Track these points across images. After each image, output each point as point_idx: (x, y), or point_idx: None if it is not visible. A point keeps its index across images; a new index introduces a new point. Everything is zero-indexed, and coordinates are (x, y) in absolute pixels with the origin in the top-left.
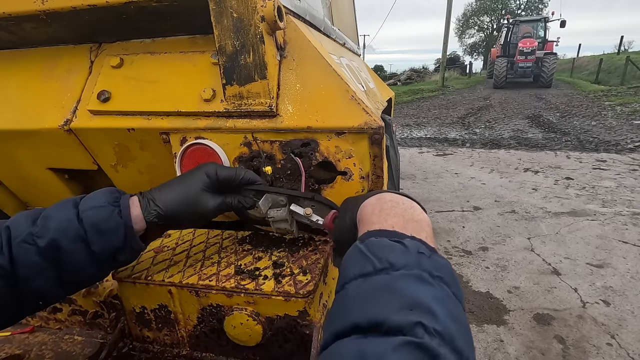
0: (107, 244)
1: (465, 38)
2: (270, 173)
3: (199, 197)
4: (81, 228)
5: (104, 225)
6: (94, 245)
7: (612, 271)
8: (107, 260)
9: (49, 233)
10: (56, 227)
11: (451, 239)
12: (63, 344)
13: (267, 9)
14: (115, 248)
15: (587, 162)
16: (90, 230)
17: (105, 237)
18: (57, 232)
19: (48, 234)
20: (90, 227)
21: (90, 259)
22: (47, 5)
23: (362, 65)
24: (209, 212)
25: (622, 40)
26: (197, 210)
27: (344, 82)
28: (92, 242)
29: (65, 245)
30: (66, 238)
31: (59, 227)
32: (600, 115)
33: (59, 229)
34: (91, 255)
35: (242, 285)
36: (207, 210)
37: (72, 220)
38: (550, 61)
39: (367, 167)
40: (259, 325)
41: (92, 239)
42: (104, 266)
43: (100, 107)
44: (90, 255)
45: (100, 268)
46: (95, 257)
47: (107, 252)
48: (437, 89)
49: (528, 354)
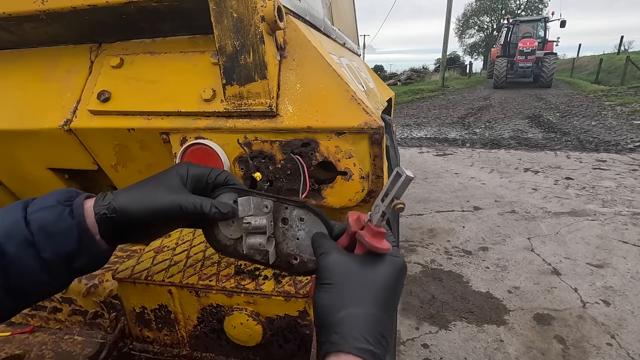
0: (58, 249)
1: (465, 38)
2: (260, 179)
3: (159, 192)
4: (28, 231)
5: (53, 228)
6: (44, 251)
7: (612, 271)
8: (61, 267)
9: None
10: (1, 232)
11: (451, 239)
12: (63, 344)
13: (267, 9)
14: (68, 253)
15: (587, 162)
16: (38, 233)
17: (55, 241)
18: (3, 236)
19: None
20: (37, 230)
21: (41, 266)
22: (47, 5)
23: (362, 65)
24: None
25: (622, 40)
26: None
27: (344, 82)
28: (41, 247)
29: (11, 250)
30: (12, 243)
31: (4, 231)
32: (600, 115)
33: (5, 233)
34: (41, 262)
35: (242, 285)
36: (164, 204)
37: (19, 223)
38: (550, 61)
39: (367, 167)
40: (259, 325)
41: (40, 243)
42: (59, 274)
43: (100, 107)
44: (40, 262)
45: (53, 276)
46: (46, 264)
47: (59, 257)
48: (437, 89)
49: (528, 354)
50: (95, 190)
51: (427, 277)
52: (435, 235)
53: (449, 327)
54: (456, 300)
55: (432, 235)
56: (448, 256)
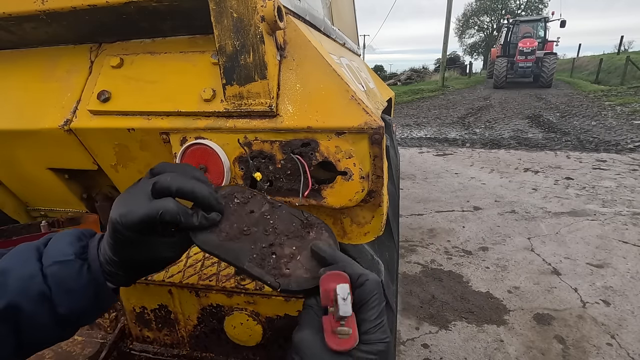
0: (75, 305)
1: (465, 38)
2: (260, 179)
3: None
4: (46, 286)
5: (72, 284)
6: (60, 307)
7: (612, 271)
8: (73, 322)
9: (7, 293)
10: (16, 286)
11: (451, 239)
12: (63, 344)
13: (267, 9)
14: (83, 308)
15: (587, 162)
16: (56, 289)
17: (73, 297)
18: (18, 291)
19: (6, 295)
20: (56, 286)
21: (55, 321)
22: (47, 5)
23: (362, 65)
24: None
25: (622, 40)
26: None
27: (344, 82)
28: (58, 302)
29: (27, 307)
30: (27, 298)
31: (20, 286)
32: (600, 115)
33: (20, 288)
34: (55, 317)
35: (242, 285)
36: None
37: (36, 277)
38: (550, 61)
39: (367, 167)
40: (259, 325)
41: (57, 298)
42: (70, 328)
43: (100, 107)
44: (54, 317)
45: (65, 330)
46: (60, 319)
47: (73, 314)
48: (437, 89)
49: (528, 354)
50: (95, 190)
51: (427, 277)
52: (435, 235)
53: (449, 327)
54: (456, 300)
55: (432, 235)
56: (448, 256)
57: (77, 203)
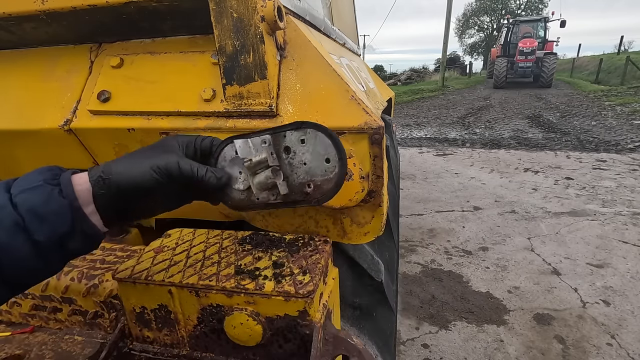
0: (52, 231)
1: (465, 38)
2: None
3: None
4: (18, 215)
5: (44, 209)
6: (37, 234)
7: (612, 271)
8: (54, 250)
9: None
10: None
11: (451, 239)
12: (63, 344)
13: (267, 9)
14: (62, 234)
15: (587, 162)
16: (28, 216)
17: (48, 223)
18: None
19: None
20: (27, 213)
21: (34, 251)
22: (47, 5)
23: (362, 65)
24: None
25: (622, 40)
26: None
27: (344, 82)
28: (33, 230)
29: (1, 237)
30: (1, 229)
31: None
32: (600, 115)
33: None
34: (34, 246)
35: (242, 285)
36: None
37: (5, 207)
38: (550, 61)
39: (367, 167)
40: (259, 325)
41: (31, 226)
42: (53, 259)
43: (100, 107)
44: (33, 247)
45: (47, 261)
46: (39, 248)
47: (53, 240)
48: (437, 89)
49: (528, 354)
50: None
51: (427, 277)
52: (435, 235)
53: (449, 327)
54: (456, 300)
55: (432, 235)
56: (448, 256)
57: None
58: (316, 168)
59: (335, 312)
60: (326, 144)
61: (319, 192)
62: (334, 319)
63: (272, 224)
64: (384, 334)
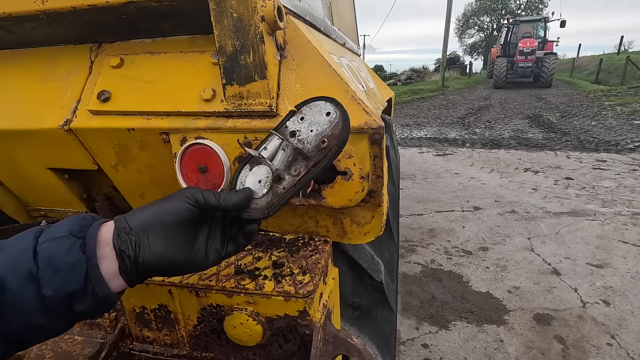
0: (61, 286)
1: (465, 38)
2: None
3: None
4: (34, 264)
5: (60, 261)
6: (45, 287)
7: (612, 271)
8: (60, 308)
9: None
10: (6, 262)
11: (451, 239)
12: (63, 344)
13: (267, 9)
14: (71, 292)
15: (587, 162)
16: (44, 267)
17: (60, 277)
18: (6, 267)
19: None
20: (45, 263)
21: (40, 305)
22: (47, 5)
23: (362, 65)
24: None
25: (622, 40)
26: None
27: (344, 82)
28: (44, 282)
29: (12, 285)
30: (15, 276)
31: (9, 262)
32: (600, 115)
33: (9, 264)
34: (41, 300)
35: (242, 285)
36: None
37: (26, 253)
38: (550, 61)
39: (367, 167)
40: (259, 325)
41: (43, 278)
42: (58, 317)
43: (100, 107)
44: (39, 301)
45: (51, 319)
46: (45, 303)
47: (60, 296)
48: (437, 89)
49: (528, 354)
50: (95, 190)
51: (427, 277)
52: (435, 235)
53: (449, 327)
54: (456, 300)
55: (432, 235)
56: (448, 256)
57: (77, 203)
58: (322, 125)
59: (335, 312)
60: (319, 105)
61: (334, 140)
62: (334, 319)
63: (272, 224)
64: (384, 334)
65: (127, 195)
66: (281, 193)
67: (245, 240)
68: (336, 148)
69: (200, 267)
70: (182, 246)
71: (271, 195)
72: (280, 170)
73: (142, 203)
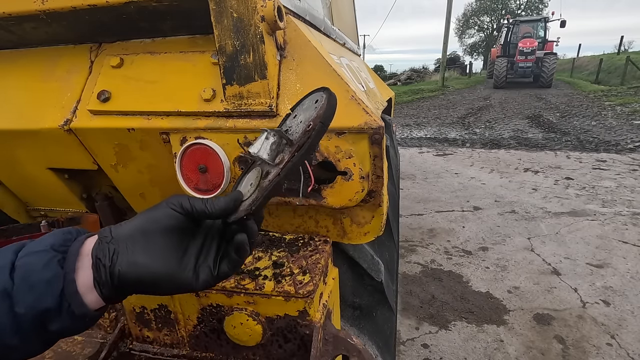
0: (34, 303)
1: (465, 38)
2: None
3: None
4: (10, 280)
5: (36, 277)
6: (19, 305)
7: (612, 271)
8: (34, 327)
9: None
10: None
11: (451, 239)
12: (63, 343)
13: (267, 9)
14: (44, 310)
15: (587, 162)
16: (19, 283)
17: (34, 293)
18: None
19: None
20: (20, 280)
21: (13, 324)
22: (47, 5)
23: (362, 65)
24: (180, 205)
25: (622, 40)
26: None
27: (344, 82)
28: (17, 299)
29: None
30: None
31: None
32: (600, 115)
33: None
34: (14, 318)
35: (242, 285)
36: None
37: (4, 270)
38: (550, 61)
39: (367, 167)
40: (259, 325)
41: (18, 295)
42: (30, 337)
43: (100, 107)
44: (12, 318)
45: (24, 339)
46: (17, 322)
47: (32, 314)
48: (437, 89)
49: (528, 354)
50: (95, 190)
51: (427, 277)
52: (435, 235)
53: (449, 327)
54: (456, 300)
55: (432, 235)
56: (448, 256)
57: (77, 203)
58: (309, 112)
59: (335, 312)
60: (310, 98)
61: (319, 120)
62: (334, 319)
63: (272, 224)
64: (384, 334)
65: (127, 195)
66: (266, 186)
67: (237, 254)
68: (320, 125)
69: (189, 284)
70: (166, 257)
71: (257, 192)
72: (267, 163)
73: (142, 203)
